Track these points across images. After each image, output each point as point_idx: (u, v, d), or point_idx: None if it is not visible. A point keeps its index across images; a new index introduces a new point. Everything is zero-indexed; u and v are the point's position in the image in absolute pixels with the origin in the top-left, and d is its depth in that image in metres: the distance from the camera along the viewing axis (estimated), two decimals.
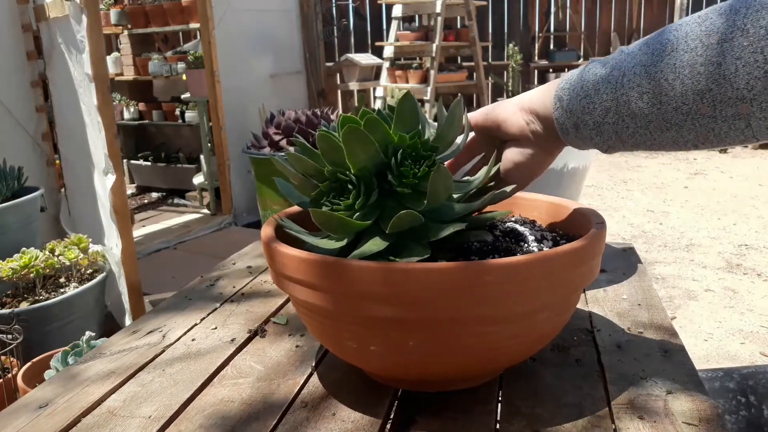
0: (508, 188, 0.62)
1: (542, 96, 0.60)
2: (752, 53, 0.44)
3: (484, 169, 0.63)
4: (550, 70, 6.23)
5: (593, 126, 0.55)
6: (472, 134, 0.67)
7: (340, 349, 0.60)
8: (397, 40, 4.73)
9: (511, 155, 0.63)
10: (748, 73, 0.45)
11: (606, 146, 0.57)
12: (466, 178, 0.66)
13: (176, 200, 4.34)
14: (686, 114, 0.49)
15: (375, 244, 0.54)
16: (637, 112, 0.52)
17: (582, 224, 0.64)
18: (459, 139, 0.62)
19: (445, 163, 0.63)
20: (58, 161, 2.79)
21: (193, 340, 0.75)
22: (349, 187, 0.55)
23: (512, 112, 0.62)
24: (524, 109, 0.61)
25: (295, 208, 0.68)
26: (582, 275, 0.56)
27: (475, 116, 0.65)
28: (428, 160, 0.55)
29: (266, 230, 0.61)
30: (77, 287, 1.91)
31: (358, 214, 0.55)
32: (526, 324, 0.55)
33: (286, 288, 0.58)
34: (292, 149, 1.08)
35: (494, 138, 0.65)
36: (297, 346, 0.72)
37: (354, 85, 4.62)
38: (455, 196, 0.60)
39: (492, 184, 0.64)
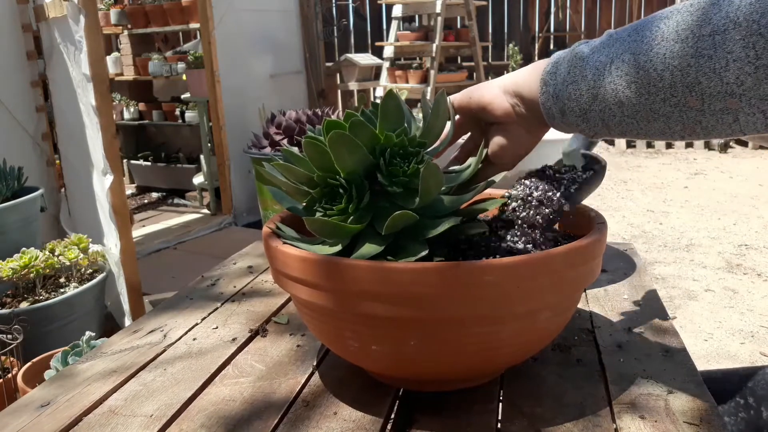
0: (497, 177, 0.62)
1: (527, 79, 0.59)
2: (744, 48, 0.43)
3: (472, 159, 0.63)
4: None
5: (579, 113, 0.55)
6: (456, 117, 0.66)
7: (340, 348, 0.60)
8: (397, 40, 4.73)
9: (497, 137, 0.63)
10: (739, 68, 0.44)
11: (592, 132, 0.56)
12: (453, 168, 0.66)
13: (176, 200, 4.34)
14: (674, 106, 0.49)
15: (372, 247, 0.54)
16: (625, 101, 0.51)
17: (583, 224, 0.64)
18: (446, 131, 0.62)
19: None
20: (58, 161, 2.79)
21: (194, 339, 0.75)
22: (341, 191, 0.55)
23: (496, 94, 0.61)
24: (508, 91, 0.61)
25: None
26: (583, 275, 0.56)
27: (458, 98, 0.65)
28: (417, 156, 0.55)
29: (267, 229, 0.61)
30: (77, 287, 1.91)
31: (351, 217, 0.55)
32: (526, 324, 0.55)
33: (287, 287, 0.58)
34: (292, 150, 1.08)
35: (479, 119, 0.65)
36: (298, 346, 0.72)
37: (354, 85, 4.62)
38: (445, 188, 0.59)
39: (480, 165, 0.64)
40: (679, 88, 0.48)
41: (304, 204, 0.58)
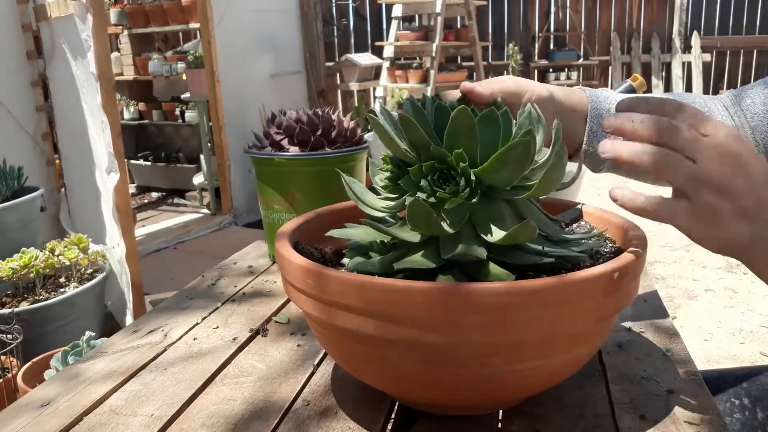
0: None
1: None
2: None
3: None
4: (550, 69, 6.23)
5: None
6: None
7: (337, 357, 0.59)
8: (397, 40, 4.72)
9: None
10: None
11: None
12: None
13: (176, 200, 4.34)
14: None
15: (469, 248, 0.49)
16: None
17: (621, 239, 0.60)
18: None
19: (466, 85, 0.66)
20: (58, 161, 2.79)
21: (194, 339, 0.75)
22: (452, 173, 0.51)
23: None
24: None
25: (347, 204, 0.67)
26: (612, 303, 0.49)
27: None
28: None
29: (286, 226, 0.61)
30: (77, 287, 1.91)
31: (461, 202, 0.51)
32: (537, 356, 0.49)
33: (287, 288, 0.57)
34: (292, 149, 1.08)
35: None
36: (299, 345, 0.72)
37: (354, 85, 4.62)
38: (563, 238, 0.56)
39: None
40: None
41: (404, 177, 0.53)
